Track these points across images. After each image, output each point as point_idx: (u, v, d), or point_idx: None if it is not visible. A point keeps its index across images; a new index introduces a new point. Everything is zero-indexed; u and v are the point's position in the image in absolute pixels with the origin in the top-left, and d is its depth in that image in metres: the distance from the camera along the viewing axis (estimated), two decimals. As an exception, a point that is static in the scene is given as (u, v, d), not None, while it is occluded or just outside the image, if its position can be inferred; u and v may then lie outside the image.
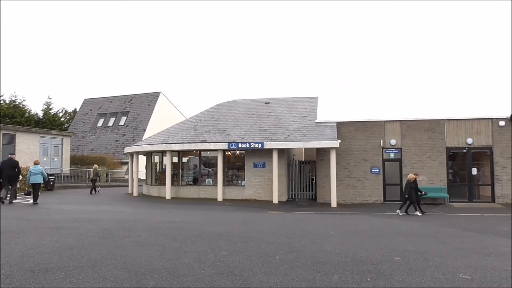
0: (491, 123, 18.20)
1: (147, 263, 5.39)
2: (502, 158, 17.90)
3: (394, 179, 18.65)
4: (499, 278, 5.09)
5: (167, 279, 4.70)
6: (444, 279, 4.99)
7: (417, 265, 5.65)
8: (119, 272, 4.94)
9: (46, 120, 38.74)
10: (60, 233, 7.63)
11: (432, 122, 18.64)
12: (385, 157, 18.83)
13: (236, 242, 7.16)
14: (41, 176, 14.43)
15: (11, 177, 14.01)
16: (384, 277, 4.98)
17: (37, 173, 14.35)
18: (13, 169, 14.10)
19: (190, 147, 19.09)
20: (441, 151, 18.38)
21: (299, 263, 5.59)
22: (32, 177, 14.30)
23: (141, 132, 35.37)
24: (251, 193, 19.15)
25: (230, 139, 18.76)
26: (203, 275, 4.90)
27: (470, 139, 18.23)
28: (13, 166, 14.14)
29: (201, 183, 20.12)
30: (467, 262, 5.95)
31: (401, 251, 6.64)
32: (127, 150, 22.37)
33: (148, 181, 22.18)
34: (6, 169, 14.00)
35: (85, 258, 5.61)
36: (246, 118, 21.09)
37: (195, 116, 22.77)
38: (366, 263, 5.68)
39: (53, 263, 5.26)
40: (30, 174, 14.36)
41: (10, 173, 13.97)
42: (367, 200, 18.57)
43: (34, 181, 14.31)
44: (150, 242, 6.98)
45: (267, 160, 18.88)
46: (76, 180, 27.58)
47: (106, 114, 39.18)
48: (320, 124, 19.40)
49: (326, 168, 18.46)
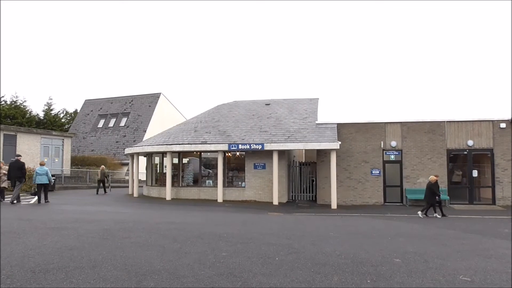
0: (492, 125, 18.18)
1: (147, 264, 5.40)
2: (503, 160, 17.88)
3: (394, 181, 18.64)
4: (499, 280, 5.09)
5: (167, 280, 4.71)
6: (444, 281, 4.99)
7: (417, 267, 5.65)
8: (119, 272, 4.95)
9: (47, 121, 38.80)
10: (61, 234, 7.64)
11: (433, 124, 18.63)
12: (386, 158, 18.82)
13: (236, 243, 7.17)
14: (46, 176, 14.97)
15: (17, 178, 14.67)
16: (384, 279, 4.99)
17: (43, 174, 14.92)
18: (19, 170, 14.73)
19: (191, 148, 19.11)
20: (441, 153, 18.37)
21: (299, 265, 5.60)
22: (38, 178, 14.87)
23: (142, 133, 35.41)
24: (251, 195, 19.16)
25: (231, 140, 18.77)
26: (203, 276, 4.91)
27: (471, 141, 18.22)
28: (19, 168, 14.78)
29: (201, 184, 20.12)
30: (467, 264, 5.95)
31: (401, 253, 6.64)
32: (127, 151, 22.39)
33: (149, 182, 22.20)
34: (13, 170, 14.69)
35: (85, 258, 5.63)
36: (247, 119, 21.11)
37: (196, 117, 22.79)
38: (366, 265, 5.68)
39: (54, 264, 5.27)
40: (36, 174, 14.95)
41: (16, 174, 14.63)
42: (367, 201, 18.55)
43: (39, 181, 14.89)
44: (150, 243, 6.99)
45: (267, 162, 18.88)
46: (77, 181, 27.60)
47: (107, 115, 39.23)
48: (320, 125, 19.41)
49: (326, 170, 18.46)
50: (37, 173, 14.93)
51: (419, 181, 18.28)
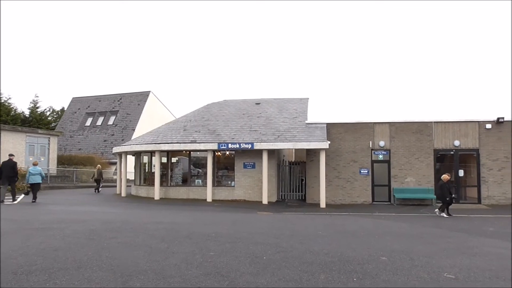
0: (478, 126, 18.47)
1: (134, 264, 5.34)
2: (488, 160, 18.18)
3: (382, 180, 18.81)
4: (483, 278, 5.17)
5: (153, 280, 4.67)
6: (429, 278, 5.05)
7: (403, 265, 5.71)
8: (105, 273, 4.89)
9: (33, 119, 38.12)
10: (46, 234, 7.53)
11: (421, 124, 18.85)
12: (374, 158, 18.98)
13: (225, 242, 7.14)
14: (39, 176, 15.30)
15: (9, 177, 14.81)
16: (370, 277, 5.02)
17: (36, 174, 15.21)
18: (11, 170, 14.87)
19: (180, 147, 18.99)
20: (429, 153, 18.60)
21: (286, 263, 5.60)
22: (31, 177, 15.13)
23: (130, 131, 35.07)
24: (240, 194, 19.13)
25: (220, 139, 18.71)
26: (190, 276, 4.88)
27: (458, 141, 18.48)
28: (11, 167, 14.91)
29: (190, 183, 20.02)
30: (452, 261, 6.03)
31: (388, 251, 6.70)
32: (115, 150, 22.17)
33: (137, 182, 22.01)
34: (5, 169, 14.79)
35: (70, 259, 5.55)
36: (237, 119, 21.08)
37: (185, 116, 22.66)
38: (353, 263, 5.72)
39: (37, 265, 5.18)
40: (30, 174, 15.21)
41: (8, 173, 14.74)
42: (356, 200, 18.69)
43: (33, 181, 15.14)
44: (137, 243, 6.93)
45: (257, 161, 18.88)
46: (64, 181, 27.19)
47: (94, 113, 38.77)
48: (310, 125, 19.47)
49: (315, 169, 18.54)
50: (30, 172, 15.24)
51: (407, 180, 18.49)
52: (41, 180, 15.54)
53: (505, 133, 18.16)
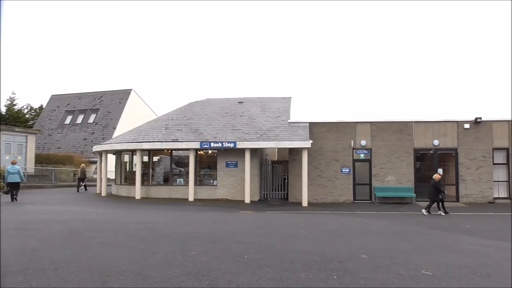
0: (456, 125, 18.92)
1: (113, 265, 5.26)
2: (466, 159, 18.64)
3: (363, 179, 19.06)
4: (459, 274, 5.29)
5: (132, 280, 4.60)
6: (407, 275, 5.14)
7: (383, 262, 5.79)
8: (83, 274, 4.79)
9: (10, 117, 37.10)
10: (23, 235, 7.34)
11: (401, 124, 19.19)
12: (356, 157, 19.21)
13: (206, 242, 7.11)
14: (18, 175, 15.11)
15: None
16: (350, 274, 5.08)
17: (14, 173, 15.02)
18: None
19: (161, 146, 18.79)
20: (409, 152, 18.95)
21: (267, 262, 5.61)
22: (10, 176, 14.95)
23: (111, 130, 34.50)
24: (223, 193, 19.07)
25: (203, 138, 18.60)
26: (170, 275, 4.83)
27: (437, 140, 18.89)
28: None
29: (172, 182, 19.83)
30: (431, 259, 6.16)
31: (368, 249, 6.79)
32: (95, 148, 21.78)
33: (118, 181, 21.67)
34: None
35: (47, 260, 5.42)
36: (219, 117, 20.99)
37: (167, 115, 22.43)
38: (333, 261, 5.77)
39: (12, 266, 5.04)
40: (8, 173, 15.02)
41: None
42: (338, 199, 18.88)
43: (11, 180, 14.96)
44: (117, 243, 6.82)
45: (239, 160, 18.85)
46: (42, 180, 26.51)
47: (74, 111, 37.97)
48: (293, 124, 19.56)
49: (298, 168, 18.64)
50: (9, 172, 15.01)
51: (387, 179, 18.79)
52: (20, 180, 15.34)
53: (482, 133, 18.66)
